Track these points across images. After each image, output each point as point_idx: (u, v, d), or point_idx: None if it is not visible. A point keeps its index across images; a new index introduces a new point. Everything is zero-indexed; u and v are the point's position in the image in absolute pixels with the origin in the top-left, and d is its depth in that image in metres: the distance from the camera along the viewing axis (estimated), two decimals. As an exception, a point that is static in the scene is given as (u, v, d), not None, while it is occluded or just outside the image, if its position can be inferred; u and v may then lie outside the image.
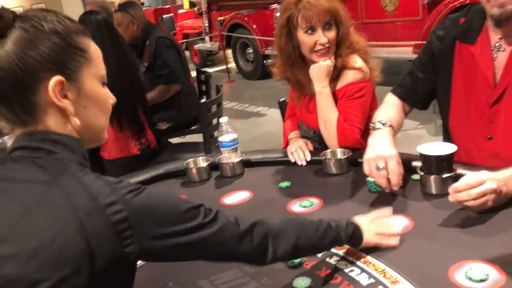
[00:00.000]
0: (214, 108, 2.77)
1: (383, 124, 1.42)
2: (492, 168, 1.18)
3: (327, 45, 1.61)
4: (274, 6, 6.32)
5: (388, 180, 1.27)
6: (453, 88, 1.48)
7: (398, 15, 5.28)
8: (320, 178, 1.54)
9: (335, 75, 1.68)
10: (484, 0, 1.33)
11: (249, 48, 7.14)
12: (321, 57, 1.63)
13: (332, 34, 1.61)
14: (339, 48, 1.65)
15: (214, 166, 1.70)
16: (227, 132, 1.64)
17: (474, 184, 1.09)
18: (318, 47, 1.61)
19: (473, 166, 1.34)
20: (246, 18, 6.92)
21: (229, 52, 7.66)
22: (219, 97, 2.75)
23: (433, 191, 1.28)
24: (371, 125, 1.46)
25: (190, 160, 1.71)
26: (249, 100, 6.24)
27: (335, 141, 1.63)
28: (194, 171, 1.67)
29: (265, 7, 6.36)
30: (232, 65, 7.90)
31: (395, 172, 1.27)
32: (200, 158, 1.72)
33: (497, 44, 1.37)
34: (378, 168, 1.28)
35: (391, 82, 1.75)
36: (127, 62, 2.33)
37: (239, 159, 1.66)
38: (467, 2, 4.44)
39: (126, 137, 2.34)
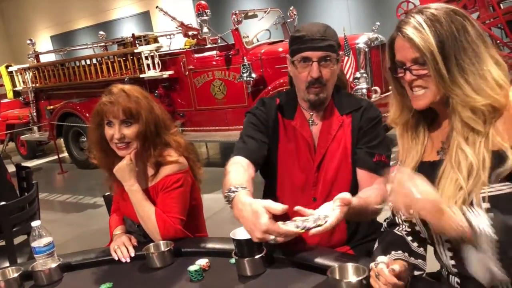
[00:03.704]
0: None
1: (234, 191, 1.34)
2: None
3: (124, 140, 1.68)
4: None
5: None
6: (279, 156, 1.67)
7: (226, 103, 5.74)
8: (143, 274, 1.52)
9: (153, 172, 1.74)
10: (303, 88, 1.60)
11: (82, 137, 6.89)
12: (120, 151, 1.71)
13: (130, 131, 1.68)
14: (148, 147, 1.71)
15: (28, 275, 1.56)
16: (41, 236, 1.54)
17: None
18: (115, 141, 1.69)
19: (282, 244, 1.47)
20: (78, 107, 6.74)
21: (61, 141, 7.29)
22: (31, 194, 2.55)
23: (248, 273, 1.37)
24: (225, 193, 1.37)
25: (-3, 272, 1.53)
26: (84, 191, 5.90)
27: (157, 235, 1.65)
28: (1, 284, 1.50)
29: (97, 95, 6.29)
30: (65, 154, 7.48)
31: (282, 233, 1.22)
32: (10, 268, 1.56)
33: (311, 119, 1.66)
34: (274, 241, 1.25)
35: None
36: None
37: (56, 264, 1.55)
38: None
39: None
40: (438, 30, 1.07)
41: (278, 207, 1.25)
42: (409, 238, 1.25)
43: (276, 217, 1.26)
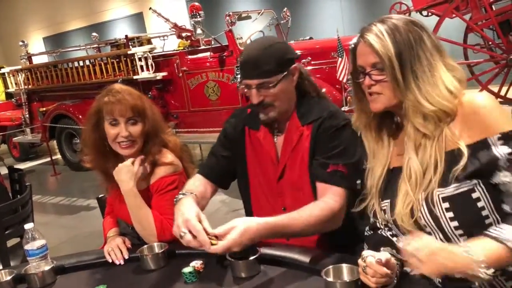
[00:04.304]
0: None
1: (184, 194, 1.51)
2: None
3: (130, 139, 1.68)
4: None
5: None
6: (248, 167, 1.69)
7: (220, 104, 5.73)
8: (137, 276, 1.52)
9: (147, 171, 1.73)
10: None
11: (75, 139, 6.87)
12: (123, 149, 1.70)
13: (136, 129, 1.69)
14: (148, 144, 1.73)
15: (21, 278, 1.54)
16: (34, 239, 1.53)
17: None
18: (120, 139, 1.68)
19: (277, 245, 1.48)
20: (71, 109, 6.71)
21: (54, 143, 7.26)
22: (24, 197, 2.54)
23: (242, 274, 1.37)
24: (174, 199, 1.52)
25: (-11, 276, 1.52)
26: (78, 193, 5.88)
27: (154, 237, 1.64)
28: (-6, 288, 1.49)
29: (90, 97, 6.28)
30: (58, 156, 7.44)
31: (197, 231, 1.31)
32: (3, 271, 1.55)
33: (275, 130, 1.65)
34: (181, 236, 1.33)
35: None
36: None
37: (49, 267, 1.54)
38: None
39: None
40: (397, 38, 1.15)
41: (206, 225, 1.34)
42: (394, 239, 1.28)
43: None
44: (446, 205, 1.14)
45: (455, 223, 1.15)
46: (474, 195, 1.14)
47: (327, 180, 1.50)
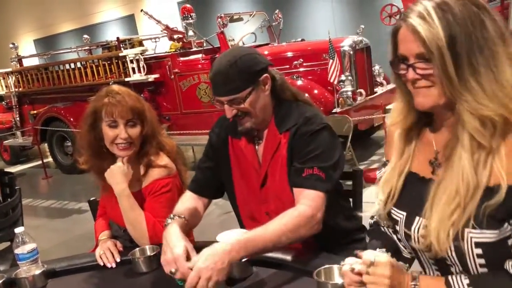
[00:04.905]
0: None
1: (172, 218, 1.49)
2: None
3: (128, 141, 1.68)
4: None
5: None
6: (233, 175, 1.69)
7: (213, 106, 5.67)
8: (129, 279, 1.51)
9: (141, 173, 1.74)
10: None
11: (67, 141, 6.83)
12: (121, 151, 1.69)
13: (134, 131, 1.69)
14: (145, 146, 1.73)
15: (12, 282, 1.53)
16: (24, 242, 1.51)
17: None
18: (118, 141, 1.68)
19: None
20: (62, 111, 6.67)
21: (45, 146, 7.21)
22: (14, 200, 2.52)
23: (235, 276, 1.36)
24: (164, 224, 1.50)
25: (-21, 280, 1.51)
26: (69, 196, 5.84)
27: (146, 239, 1.64)
28: (-16, 292, 1.47)
29: (82, 99, 6.26)
30: (49, 159, 7.39)
31: (183, 272, 1.29)
32: (-7, 276, 1.54)
33: (256, 138, 1.65)
34: (171, 273, 1.31)
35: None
36: None
37: (40, 271, 1.53)
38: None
39: None
40: (449, 22, 0.92)
41: (191, 261, 1.31)
42: (395, 237, 1.25)
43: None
44: (479, 251, 0.98)
45: (485, 269, 1.00)
46: (510, 242, 0.97)
47: (302, 184, 1.49)
